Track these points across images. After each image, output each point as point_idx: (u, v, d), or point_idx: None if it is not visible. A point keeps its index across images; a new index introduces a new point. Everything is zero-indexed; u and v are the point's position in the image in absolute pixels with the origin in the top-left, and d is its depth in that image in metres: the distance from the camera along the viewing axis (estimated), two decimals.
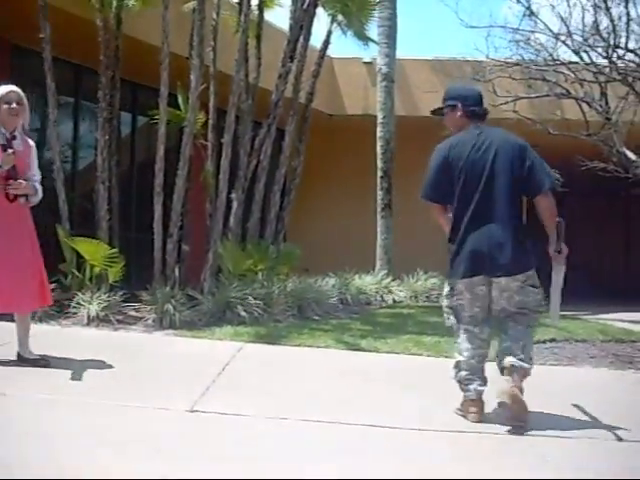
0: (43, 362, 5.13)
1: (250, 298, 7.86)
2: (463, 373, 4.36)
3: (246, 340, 6.78)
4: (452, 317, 4.48)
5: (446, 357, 6.29)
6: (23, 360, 5.14)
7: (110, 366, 5.14)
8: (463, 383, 4.36)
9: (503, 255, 4.27)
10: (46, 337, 6.50)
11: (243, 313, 7.67)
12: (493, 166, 4.32)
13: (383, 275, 11.60)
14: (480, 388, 4.34)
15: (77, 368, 5.03)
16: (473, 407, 4.31)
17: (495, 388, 4.26)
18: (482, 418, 4.29)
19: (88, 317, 7.21)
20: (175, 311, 7.34)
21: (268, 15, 10.91)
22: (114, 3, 8.69)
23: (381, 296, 10.73)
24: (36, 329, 6.72)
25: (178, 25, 8.87)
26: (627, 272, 19.71)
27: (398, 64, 13.19)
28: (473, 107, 4.50)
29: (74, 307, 7.38)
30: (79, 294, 7.53)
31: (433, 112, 4.79)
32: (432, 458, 3.67)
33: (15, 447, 3.37)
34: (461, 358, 4.39)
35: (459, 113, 4.49)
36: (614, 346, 7.40)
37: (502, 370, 4.26)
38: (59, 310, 7.41)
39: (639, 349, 7.22)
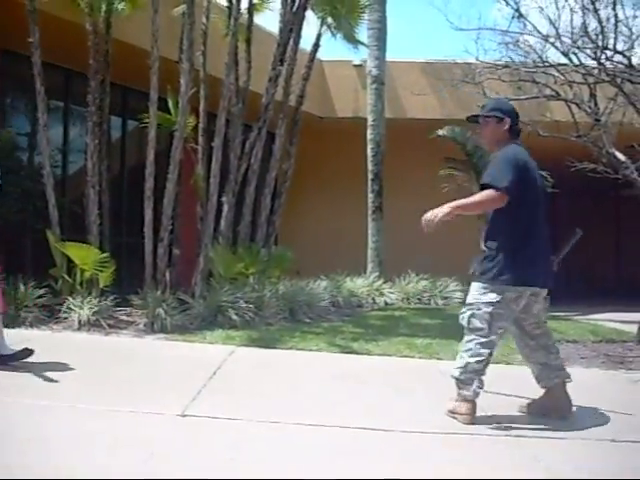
0: (27, 352, 5.08)
1: (241, 302, 7.87)
2: (468, 375, 4.37)
3: (237, 344, 6.77)
4: (481, 322, 4.37)
5: (438, 359, 6.32)
6: (4, 360, 5.07)
7: (101, 370, 5.12)
8: (465, 383, 4.37)
9: (551, 270, 4.56)
10: (37, 342, 6.47)
11: (234, 317, 7.66)
12: (542, 188, 4.62)
13: (374, 277, 11.61)
14: (478, 390, 4.37)
15: (68, 373, 5.01)
16: (468, 407, 4.33)
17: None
18: (474, 420, 4.30)
19: (79, 322, 7.19)
20: (166, 315, 7.33)
21: (258, 18, 10.94)
22: (103, 7, 8.68)
23: (373, 298, 10.74)
24: (27, 334, 6.74)
25: (168, 29, 8.86)
26: (618, 273, 19.78)
27: (388, 66, 13.21)
28: (517, 125, 4.63)
29: (65, 312, 7.36)
30: (70, 299, 7.51)
31: (469, 119, 4.82)
32: (425, 460, 3.67)
33: (9, 452, 3.36)
34: (471, 360, 4.37)
35: (506, 127, 4.54)
36: (605, 346, 7.43)
37: (563, 383, 4.57)
38: (50, 315, 7.40)
39: (630, 349, 7.25)
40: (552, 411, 4.54)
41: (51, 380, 4.87)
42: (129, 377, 5.14)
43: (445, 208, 4.35)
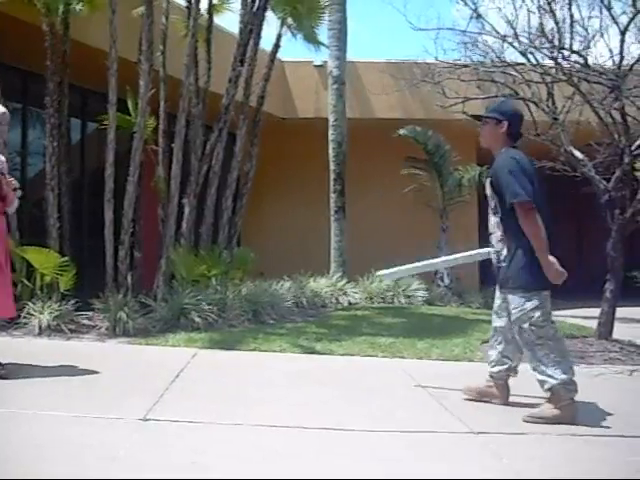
0: (2, 372, 5.01)
1: (204, 304, 7.83)
2: (571, 373, 4.52)
3: (200, 346, 6.74)
4: (542, 327, 4.50)
5: (401, 358, 6.36)
6: None
7: (62, 376, 5.06)
8: (571, 383, 4.48)
9: None
10: None
11: (197, 319, 7.63)
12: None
13: (338, 277, 11.63)
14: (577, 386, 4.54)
15: (28, 379, 4.94)
16: (574, 407, 4.48)
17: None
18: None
19: (39, 327, 7.10)
20: (128, 319, 7.27)
21: (218, 19, 10.91)
22: (61, 8, 8.56)
23: (336, 298, 10.76)
24: None
25: (127, 30, 8.77)
26: (579, 269, 19.97)
27: (349, 67, 13.25)
28: (518, 130, 4.71)
29: (25, 317, 7.26)
30: (30, 304, 7.41)
31: (473, 116, 4.99)
32: (387, 460, 3.68)
33: None
34: (569, 362, 4.59)
35: (503, 129, 4.63)
36: (566, 342, 7.50)
37: (509, 376, 4.82)
38: (9, 321, 7.27)
39: (590, 344, 7.35)
40: (489, 397, 4.82)
41: (11, 387, 4.80)
42: (90, 382, 5.08)
43: (555, 267, 4.55)
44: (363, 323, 8.65)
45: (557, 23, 7.59)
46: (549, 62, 7.84)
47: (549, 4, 7.62)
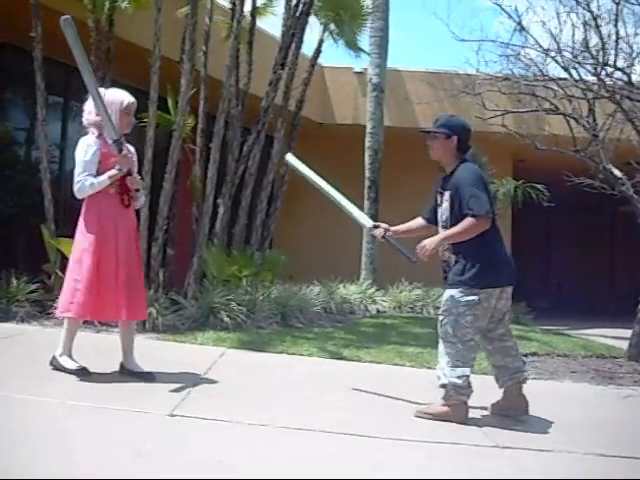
0: (149, 376, 5.04)
1: (234, 304, 7.85)
2: (463, 378, 4.58)
3: (228, 346, 6.77)
4: (464, 326, 4.62)
5: (428, 368, 6.32)
6: (129, 373, 5.09)
7: (90, 368, 5.10)
8: (461, 387, 4.58)
9: (513, 268, 4.82)
10: (28, 337, 6.47)
11: (226, 319, 7.65)
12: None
13: (368, 285, 11.60)
14: (471, 391, 4.66)
15: (54, 370, 4.99)
16: (463, 409, 4.62)
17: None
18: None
19: None
20: (158, 315, 7.32)
21: (261, 22, 10.95)
22: (107, 5, 8.66)
23: (365, 306, 10.73)
24: (18, 328, 6.74)
25: (170, 29, 8.85)
26: (611, 288, 19.82)
27: (389, 75, 13.23)
28: (467, 143, 4.85)
29: (56, 308, 7.31)
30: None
31: (422, 131, 5.08)
32: (412, 468, 3.67)
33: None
34: (462, 364, 4.60)
35: (453, 144, 4.78)
36: (595, 361, 7.45)
37: (517, 385, 4.83)
38: (41, 310, 7.37)
39: (620, 365, 7.26)
40: (509, 411, 4.81)
41: (41, 376, 4.86)
42: (118, 375, 5.12)
43: (435, 242, 4.71)
44: (391, 332, 8.62)
45: (602, 39, 7.52)
46: (592, 78, 7.78)
47: (595, 19, 7.57)
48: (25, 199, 9.10)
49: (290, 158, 5.74)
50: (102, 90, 5.21)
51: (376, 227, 5.21)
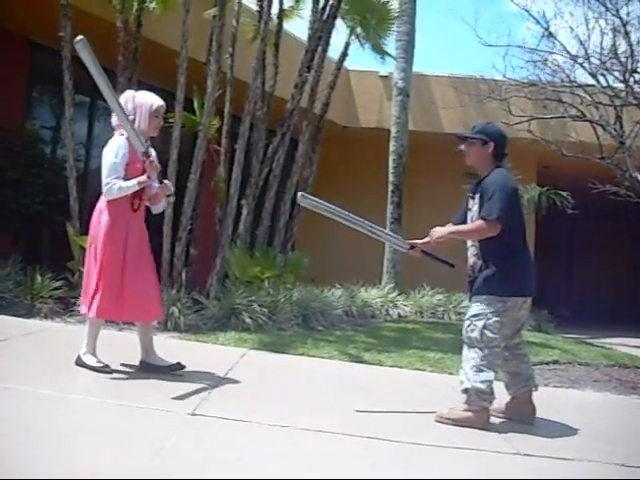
0: (177, 367, 5.17)
1: (255, 305, 7.87)
2: (487, 384, 4.59)
3: (250, 347, 6.78)
4: (492, 332, 4.64)
5: (450, 374, 6.30)
6: (155, 369, 5.16)
7: (113, 366, 5.14)
8: (484, 392, 4.59)
9: (535, 279, 4.87)
10: (51, 333, 6.52)
11: (248, 320, 7.67)
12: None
13: (389, 289, 11.58)
14: (494, 397, 4.68)
15: (78, 367, 5.03)
16: (485, 415, 4.64)
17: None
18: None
19: None
20: (180, 314, 7.35)
21: (287, 25, 10.97)
22: (135, 5, 8.73)
23: (386, 310, 10.71)
24: (41, 325, 6.79)
25: (197, 30, 8.91)
26: (635, 297, 19.67)
27: (414, 79, 13.21)
28: (503, 150, 4.91)
29: (79, 305, 7.37)
30: None
31: (459, 136, 5.11)
32: (431, 473, 3.66)
33: (21, 443, 3.38)
34: (488, 369, 4.63)
35: (490, 150, 4.83)
36: (618, 371, 7.38)
37: (529, 392, 4.87)
38: (65, 307, 7.43)
39: None
40: (516, 416, 4.85)
41: (64, 373, 4.90)
42: (141, 373, 5.15)
43: (444, 232, 4.93)
44: (412, 336, 8.59)
45: (630, 45, 7.49)
46: (620, 85, 7.74)
47: (624, 26, 7.53)
48: (51, 197, 9.18)
49: (302, 198, 5.69)
50: (132, 92, 5.26)
51: (412, 247, 5.22)
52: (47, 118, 10.56)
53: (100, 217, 5.05)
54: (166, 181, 5.28)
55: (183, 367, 5.18)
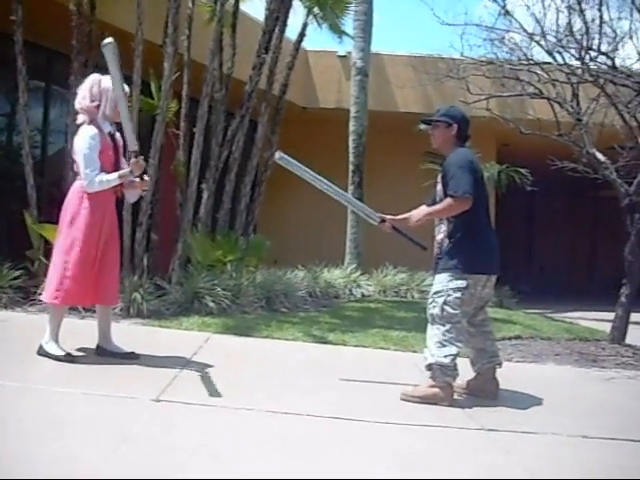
0: (132, 356, 5.16)
1: (218, 289, 7.85)
2: (450, 359, 4.66)
3: (213, 331, 6.76)
4: (453, 308, 4.71)
5: (413, 352, 6.35)
6: (111, 354, 5.15)
7: (75, 354, 5.09)
8: (447, 367, 4.66)
9: (499, 258, 4.96)
10: (11, 323, 6.44)
11: (211, 304, 7.65)
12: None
13: (352, 269, 11.61)
14: (457, 373, 4.75)
15: (40, 356, 4.97)
16: (449, 391, 4.70)
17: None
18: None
19: None
20: (143, 300, 7.30)
21: (244, 5, 10.87)
22: None
23: (350, 290, 10.73)
24: (1, 315, 6.69)
25: (153, 12, 8.77)
26: (593, 272, 19.98)
27: (373, 59, 13.19)
28: (467, 132, 5.04)
29: (40, 294, 7.28)
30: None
31: (424, 120, 5.32)
32: (399, 450, 3.69)
33: None
34: (451, 345, 4.68)
35: (453, 132, 4.96)
36: (579, 344, 7.50)
37: (493, 368, 4.96)
38: (25, 297, 7.32)
39: (603, 348, 7.32)
40: (480, 392, 4.94)
41: (27, 363, 4.84)
42: (103, 361, 5.11)
43: (419, 214, 5.06)
44: (376, 316, 8.64)
45: (586, 23, 7.52)
46: (576, 62, 7.79)
47: (579, 4, 7.57)
48: (7, 185, 9.03)
49: (280, 157, 5.69)
50: (98, 76, 5.23)
51: (383, 221, 5.28)
52: (1, 105, 10.35)
53: (80, 204, 5.01)
54: (146, 177, 5.32)
55: (137, 357, 5.17)
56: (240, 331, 6.83)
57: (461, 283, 4.70)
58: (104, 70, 5.28)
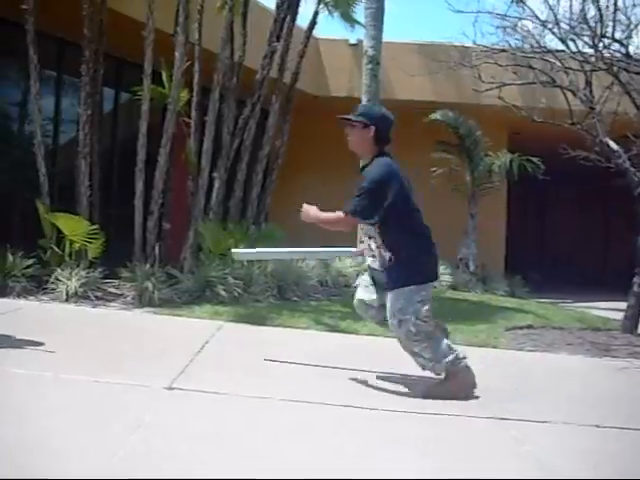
0: None
1: (230, 278, 7.86)
2: (453, 356, 4.55)
3: (225, 319, 6.78)
4: (425, 322, 4.51)
5: None
6: None
7: (88, 342, 5.11)
8: (456, 358, 4.53)
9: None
10: (25, 312, 6.47)
11: (223, 292, 7.67)
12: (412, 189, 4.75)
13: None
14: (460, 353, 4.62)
15: (55, 344, 4.99)
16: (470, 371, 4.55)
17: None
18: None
19: (67, 293, 7.17)
20: (154, 289, 7.32)
21: None
22: None
23: None
24: (14, 303, 6.73)
25: (163, 1, 8.75)
26: (606, 261, 19.90)
27: (384, 47, 13.11)
28: (387, 135, 4.65)
29: (53, 283, 7.33)
30: (58, 270, 7.48)
31: (341, 119, 4.82)
32: (413, 439, 3.69)
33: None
34: (442, 341, 4.59)
35: (371, 134, 4.57)
36: (591, 334, 7.48)
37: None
38: (38, 285, 7.37)
39: (615, 337, 7.30)
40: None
41: (38, 351, 4.86)
42: (116, 349, 5.13)
43: (313, 216, 5.11)
44: None
45: (599, 10, 7.47)
46: (589, 50, 7.74)
47: None
48: (19, 174, 9.06)
49: (237, 251, 5.58)
50: None
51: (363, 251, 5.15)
52: (14, 94, 10.36)
53: None
54: None
55: None
56: (252, 319, 6.84)
57: (424, 295, 4.50)
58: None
